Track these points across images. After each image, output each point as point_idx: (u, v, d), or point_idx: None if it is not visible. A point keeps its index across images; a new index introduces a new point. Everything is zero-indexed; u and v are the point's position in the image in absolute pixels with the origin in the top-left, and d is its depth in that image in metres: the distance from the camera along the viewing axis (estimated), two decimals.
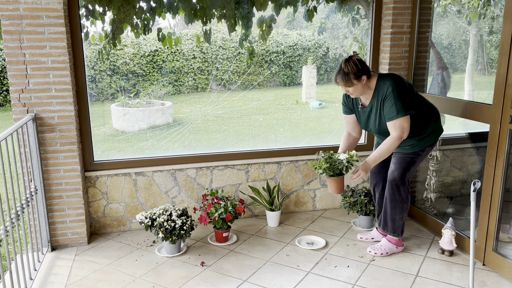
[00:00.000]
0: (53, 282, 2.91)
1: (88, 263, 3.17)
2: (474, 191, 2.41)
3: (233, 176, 3.85)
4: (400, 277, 2.93)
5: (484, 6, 3.75)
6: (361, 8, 4.09)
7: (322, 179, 4.06)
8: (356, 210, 3.62)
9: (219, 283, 2.88)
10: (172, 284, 2.88)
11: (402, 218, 3.20)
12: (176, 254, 3.26)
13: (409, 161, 3.09)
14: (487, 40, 3.88)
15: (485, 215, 2.99)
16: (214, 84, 5.74)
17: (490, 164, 2.93)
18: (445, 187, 4.00)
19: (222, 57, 5.67)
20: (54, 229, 3.37)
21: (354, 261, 3.15)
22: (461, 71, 4.05)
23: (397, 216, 3.19)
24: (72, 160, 3.28)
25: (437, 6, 3.82)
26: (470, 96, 3.99)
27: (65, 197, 3.33)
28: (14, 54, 3.02)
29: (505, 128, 2.80)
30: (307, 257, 3.22)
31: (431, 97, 3.55)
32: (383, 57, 3.85)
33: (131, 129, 5.26)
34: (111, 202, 3.63)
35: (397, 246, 3.25)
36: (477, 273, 2.96)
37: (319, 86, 6.73)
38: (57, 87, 3.14)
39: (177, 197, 3.77)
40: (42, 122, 3.16)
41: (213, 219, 3.33)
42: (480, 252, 3.08)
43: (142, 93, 5.39)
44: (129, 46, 5.23)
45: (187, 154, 3.74)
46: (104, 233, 3.67)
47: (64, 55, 3.09)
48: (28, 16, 2.98)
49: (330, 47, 5.91)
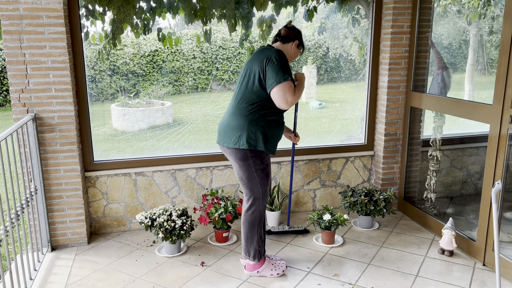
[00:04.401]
0: (53, 282, 2.90)
1: (88, 263, 3.16)
2: (495, 192, 2.35)
3: (233, 176, 3.84)
4: (400, 277, 2.93)
5: (484, 6, 3.75)
6: (361, 8, 4.08)
7: (322, 179, 4.06)
8: (356, 210, 3.62)
9: (219, 283, 2.88)
10: (172, 284, 2.87)
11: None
12: (176, 254, 3.26)
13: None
14: (487, 40, 3.88)
15: (485, 215, 2.99)
16: (214, 84, 5.73)
17: (490, 164, 2.93)
18: (445, 187, 4.00)
19: (222, 57, 5.67)
20: (54, 229, 3.37)
21: (355, 261, 3.15)
22: (461, 71, 4.05)
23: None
24: (72, 160, 3.28)
25: (437, 6, 3.82)
26: (470, 96, 4.00)
27: (65, 197, 3.33)
28: (14, 54, 3.02)
29: (505, 128, 2.80)
30: (307, 257, 3.22)
31: (432, 97, 3.55)
32: (383, 57, 3.85)
33: (131, 129, 5.25)
34: (111, 202, 3.63)
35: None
36: (477, 273, 2.96)
37: (319, 86, 6.72)
38: (57, 87, 3.13)
39: (177, 197, 3.77)
40: (42, 122, 3.16)
41: (213, 219, 3.33)
42: (480, 252, 3.08)
43: (142, 93, 5.39)
44: (129, 46, 5.23)
45: (187, 154, 3.74)
46: (104, 233, 3.67)
47: (64, 55, 3.09)
48: (28, 16, 2.97)
49: (330, 47, 5.91)
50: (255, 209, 2.84)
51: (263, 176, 2.79)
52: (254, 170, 2.75)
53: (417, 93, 3.74)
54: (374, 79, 3.96)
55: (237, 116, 2.72)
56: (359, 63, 5.15)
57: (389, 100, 3.86)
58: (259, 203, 2.84)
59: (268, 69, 2.62)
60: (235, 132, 2.70)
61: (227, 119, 2.78)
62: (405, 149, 3.92)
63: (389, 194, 3.63)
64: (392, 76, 3.81)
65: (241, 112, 2.71)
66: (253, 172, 2.76)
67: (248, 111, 2.69)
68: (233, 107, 2.76)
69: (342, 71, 6.19)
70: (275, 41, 2.86)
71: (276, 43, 2.85)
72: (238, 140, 2.69)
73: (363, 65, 4.41)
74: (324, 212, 3.39)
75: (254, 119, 2.69)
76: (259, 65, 2.65)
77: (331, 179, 4.08)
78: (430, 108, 3.60)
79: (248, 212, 2.86)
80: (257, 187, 2.80)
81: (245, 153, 2.71)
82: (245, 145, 2.68)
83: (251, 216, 2.86)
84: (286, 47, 2.83)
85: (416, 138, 3.94)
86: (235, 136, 2.70)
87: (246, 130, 2.68)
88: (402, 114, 3.92)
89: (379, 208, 3.57)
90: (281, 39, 2.83)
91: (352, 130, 4.73)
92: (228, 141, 2.74)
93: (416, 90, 3.80)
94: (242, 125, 2.69)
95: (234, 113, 2.74)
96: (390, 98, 3.86)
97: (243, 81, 2.74)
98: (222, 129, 2.80)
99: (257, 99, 2.68)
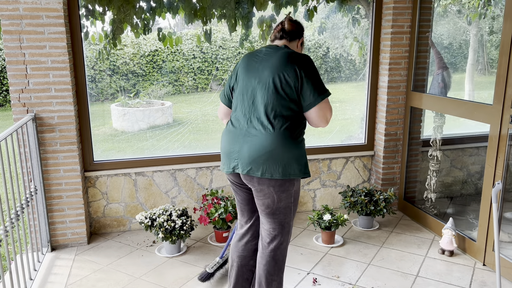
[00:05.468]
0: (53, 282, 2.90)
1: (88, 263, 3.16)
2: (495, 192, 2.34)
3: None
4: (400, 277, 2.93)
5: (485, 6, 3.75)
6: (361, 8, 4.08)
7: (322, 179, 4.06)
8: (356, 210, 3.62)
9: (219, 283, 2.88)
10: (172, 284, 2.87)
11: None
12: (176, 254, 3.26)
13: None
14: (487, 40, 3.88)
15: (485, 215, 2.99)
16: (214, 84, 5.73)
17: (490, 164, 2.93)
18: (446, 187, 4.00)
19: (222, 57, 5.67)
20: (54, 229, 3.36)
21: (355, 261, 3.14)
22: (461, 71, 4.05)
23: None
24: (72, 160, 3.27)
25: (437, 6, 3.82)
26: (470, 96, 3.99)
27: (65, 197, 3.32)
28: (14, 54, 3.02)
29: (505, 128, 2.80)
30: (307, 257, 3.22)
31: (432, 97, 3.55)
32: (383, 57, 3.84)
33: (131, 129, 5.25)
34: (111, 202, 3.63)
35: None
36: (477, 273, 2.96)
37: None
38: (57, 87, 3.13)
39: (177, 197, 3.76)
40: (42, 122, 3.16)
41: (213, 219, 3.33)
42: (480, 252, 3.08)
43: (142, 93, 5.38)
44: (129, 46, 5.23)
45: (187, 154, 3.74)
46: (104, 233, 3.67)
47: (64, 55, 3.09)
48: (28, 16, 2.97)
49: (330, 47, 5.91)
50: (285, 243, 2.30)
51: (296, 205, 2.32)
52: (294, 199, 2.28)
53: (417, 93, 3.74)
54: (374, 79, 3.96)
55: (281, 138, 2.12)
56: (359, 63, 5.15)
57: (389, 100, 3.86)
58: (289, 238, 2.34)
59: (305, 81, 2.11)
60: (282, 159, 2.12)
61: (263, 142, 2.12)
62: (405, 149, 3.92)
63: (389, 194, 3.63)
64: (392, 76, 3.81)
65: (285, 134, 2.13)
66: (291, 202, 2.27)
67: (291, 130, 2.15)
68: (265, 127, 2.13)
69: (342, 71, 6.19)
70: (281, 38, 2.30)
71: (282, 40, 2.29)
72: (287, 168, 2.14)
73: (363, 65, 4.41)
74: (324, 212, 3.39)
75: (300, 139, 2.21)
76: (292, 74, 2.11)
77: (331, 179, 4.08)
78: (430, 108, 3.59)
79: (276, 245, 2.28)
80: (290, 218, 2.30)
81: (291, 183, 2.20)
82: (296, 173, 2.17)
83: (282, 252, 2.30)
84: (293, 45, 2.31)
85: (416, 138, 3.94)
86: (283, 164, 2.13)
87: (295, 154, 2.16)
88: (402, 114, 3.92)
89: (379, 208, 3.57)
90: (288, 35, 2.28)
91: (352, 130, 4.73)
92: (274, 172, 2.13)
93: (416, 90, 3.80)
94: (289, 148, 2.13)
95: (271, 134, 2.12)
96: (390, 98, 3.86)
97: (267, 91, 2.14)
98: (260, 156, 2.13)
99: (292, 114, 2.16)
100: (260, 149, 2.12)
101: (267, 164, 2.12)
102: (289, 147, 2.13)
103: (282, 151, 2.12)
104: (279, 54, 2.18)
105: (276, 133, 2.12)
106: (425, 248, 3.33)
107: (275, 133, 2.12)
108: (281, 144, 2.12)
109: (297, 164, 2.16)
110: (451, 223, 3.22)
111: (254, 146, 2.13)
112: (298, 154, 2.17)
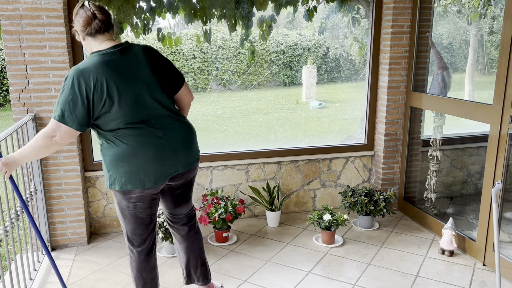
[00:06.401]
0: (53, 282, 2.90)
1: (88, 263, 3.16)
2: (495, 192, 2.34)
3: (233, 176, 3.84)
4: (400, 277, 2.93)
5: (485, 6, 3.75)
6: (361, 8, 4.08)
7: (322, 179, 4.06)
8: (356, 210, 3.62)
9: (224, 280, 2.87)
10: (172, 284, 2.87)
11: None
12: (176, 254, 3.25)
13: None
14: (487, 40, 3.88)
15: (485, 215, 2.99)
16: (214, 84, 5.73)
17: (490, 164, 2.93)
18: (446, 187, 4.00)
19: (222, 57, 5.67)
20: (53, 229, 3.36)
21: (355, 261, 3.15)
22: (461, 71, 4.05)
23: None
24: (72, 160, 3.27)
25: (437, 6, 3.82)
26: (470, 96, 4.00)
27: (65, 197, 3.32)
28: (13, 54, 3.02)
29: (505, 128, 2.80)
30: (307, 257, 3.22)
31: (432, 97, 3.55)
32: (383, 57, 3.85)
33: None
34: (111, 202, 3.63)
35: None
36: (477, 273, 2.96)
37: (319, 86, 6.73)
38: (57, 87, 3.13)
39: None
40: (42, 122, 3.16)
41: (213, 219, 3.33)
42: (480, 252, 3.08)
43: None
44: None
45: None
46: (104, 233, 3.67)
47: (64, 55, 3.09)
48: (27, 16, 2.97)
49: (330, 47, 5.91)
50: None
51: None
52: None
53: (417, 93, 3.74)
54: (374, 79, 3.96)
55: (189, 124, 2.28)
56: (359, 63, 5.15)
57: (389, 100, 3.86)
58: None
59: (170, 65, 2.33)
60: (196, 141, 2.32)
61: (185, 129, 2.23)
62: (405, 149, 3.92)
63: (389, 194, 3.63)
64: (392, 76, 3.81)
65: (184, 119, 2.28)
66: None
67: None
68: (176, 114, 2.23)
69: (342, 71, 6.19)
70: (107, 31, 2.08)
71: (108, 33, 2.09)
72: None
73: (363, 65, 4.41)
74: (324, 212, 3.39)
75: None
76: (162, 63, 2.27)
77: (331, 179, 4.08)
78: (430, 108, 3.60)
79: (196, 218, 2.58)
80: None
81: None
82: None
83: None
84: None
85: (416, 138, 3.94)
86: (197, 145, 2.34)
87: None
88: (402, 114, 3.92)
89: (379, 208, 3.57)
90: (111, 26, 2.11)
91: (352, 130, 4.73)
92: (198, 155, 2.33)
93: (416, 90, 3.80)
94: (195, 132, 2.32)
95: (183, 120, 2.26)
96: (390, 98, 3.86)
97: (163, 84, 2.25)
98: (190, 144, 2.24)
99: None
100: (182, 137, 2.22)
101: (196, 149, 2.31)
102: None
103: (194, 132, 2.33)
104: (143, 49, 2.22)
105: (182, 118, 2.26)
106: (425, 248, 3.33)
107: (182, 118, 2.26)
108: (189, 126, 2.28)
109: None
110: (451, 223, 3.22)
111: (183, 137, 2.23)
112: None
